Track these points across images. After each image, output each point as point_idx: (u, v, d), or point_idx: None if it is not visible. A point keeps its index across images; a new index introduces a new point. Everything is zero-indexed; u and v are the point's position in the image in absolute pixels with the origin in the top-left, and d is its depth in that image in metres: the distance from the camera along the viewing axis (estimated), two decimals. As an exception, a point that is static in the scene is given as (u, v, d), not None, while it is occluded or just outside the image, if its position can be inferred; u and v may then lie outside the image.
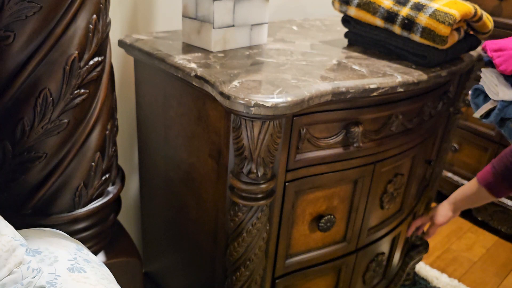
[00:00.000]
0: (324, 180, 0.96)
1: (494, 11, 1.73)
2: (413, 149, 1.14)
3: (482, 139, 1.88)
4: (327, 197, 0.99)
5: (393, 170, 1.11)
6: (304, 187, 0.94)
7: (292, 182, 0.91)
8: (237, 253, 0.90)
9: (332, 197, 1.00)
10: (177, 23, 1.21)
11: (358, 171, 1.00)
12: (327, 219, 1.00)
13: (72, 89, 0.76)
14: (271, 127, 0.78)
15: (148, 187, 1.21)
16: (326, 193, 0.99)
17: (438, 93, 1.12)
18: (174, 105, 0.97)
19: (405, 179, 1.19)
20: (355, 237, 1.12)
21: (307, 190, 0.95)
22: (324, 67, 0.94)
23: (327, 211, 1.02)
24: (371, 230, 1.16)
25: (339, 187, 1.00)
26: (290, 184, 0.91)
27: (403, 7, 0.99)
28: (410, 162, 1.17)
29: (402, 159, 1.11)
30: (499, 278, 1.70)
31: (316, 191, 0.97)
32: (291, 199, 0.93)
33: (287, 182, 0.90)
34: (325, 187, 0.97)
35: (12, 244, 0.59)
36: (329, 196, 1.00)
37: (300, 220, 0.98)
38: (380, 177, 1.07)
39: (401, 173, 1.14)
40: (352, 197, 1.04)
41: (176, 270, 1.21)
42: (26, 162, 0.78)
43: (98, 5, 0.75)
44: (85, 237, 0.90)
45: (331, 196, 1.00)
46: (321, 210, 1.00)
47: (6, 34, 0.70)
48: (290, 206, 0.94)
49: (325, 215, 1.00)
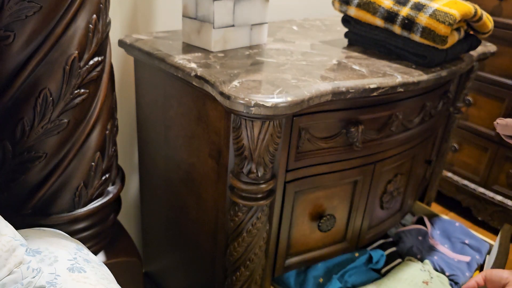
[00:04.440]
0: (324, 180, 0.96)
1: (494, 11, 1.73)
2: (413, 149, 1.14)
3: (482, 139, 1.88)
4: (327, 197, 0.99)
5: (393, 170, 1.11)
6: (304, 187, 0.94)
7: (292, 182, 0.91)
8: (237, 253, 0.90)
9: (332, 197, 1.00)
10: (177, 23, 1.21)
11: (358, 171, 1.00)
12: (327, 219, 1.00)
13: (72, 89, 0.76)
14: (271, 127, 0.78)
15: (148, 187, 1.21)
16: (326, 193, 0.99)
17: (438, 93, 1.12)
18: (174, 105, 0.97)
19: (405, 179, 1.19)
20: (355, 237, 1.12)
21: (306, 190, 0.95)
22: (324, 67, 0.94)
23: (327, 211, 1.01)
24: (371, 230, 1.16)
25: (339, 187, 1.00)
26: (290, 184, 0.91)
27: (403, 7, 0.99)
28: (410, 162, 1.17)
29: (402, 159, 1.11)
30: (499, 278, 1.70)
31: (316, 191, 0.97)
32: (291, 199, 0.93)
33: (287, 182, 0.90)
34: (325, 187, 0.97)
35: (12, 244, 0.59)
36: (329, 196, 1.00)
37: (300, 220, 0.98)
38: (380, 176, 1.07)
39: (401, 173, 1.14)
40: (352, 197, 1.04)
41: (176, 270, 1.21)
42: (26, 162, 0.78)
43: (98, 5, 0.75)
44: (85, 237, 0.90)
45: (331, 196, 1.00)
46: (321, 210, 1.00)
47: (6, 34, 0.70)
48: (290, 206, 0.94)
49: (325, 215, 1.00)
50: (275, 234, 0.96)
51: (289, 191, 0.92)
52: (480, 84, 1.83)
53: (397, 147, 1.05)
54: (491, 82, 1.80)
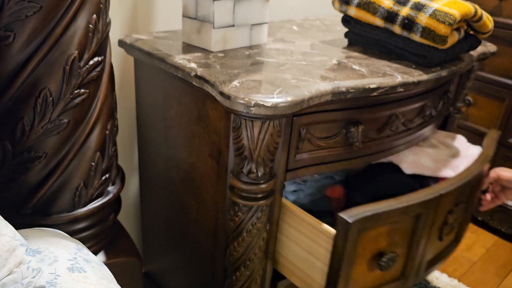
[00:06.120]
0: (387, 215, 0.88)
1: (494, 11, 1.73)
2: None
3: (482, 139, 1.88)
4: (388, 233, 0.92)
5: (454, 199, 1.02)
6: (366, 224, 0.86)
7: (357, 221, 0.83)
8: (237, 253, 0.90)
9: (393, 232, 0.93)
10: (177, 23, 1.21)
11: (421, 204, 0.92)
12: (389, 257, 0.92)
13: (72, 89, 0.76)
14: (271, 127, 0.78)
15: (148, 187, 1.21)
16: (387, 229, 0.91)
17: (438, 93, 1.12)
18: (174, 105, 0.97)
19: (464, 207, 1.09)
20: (414, 273, 1.02)
21: (368, 227, 0.87)
22: (324, 67, 0.94)
23: (389, 248, 0.94)
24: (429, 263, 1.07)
25: (401, 222, 0.92)
26: (355, 223, 0.83)
27: (403, 7, 0.99)
28: (469, 189, 1.07)
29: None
30: (499, 278, 1.70)
31: (377, 227, 0.89)
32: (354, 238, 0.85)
33: (353, 223, 0.84)
34: (387, 222, 0.89)
35: (12, 244, 0.59)
36: (390, 232, 0.92)
37: (360, 260, 0.91)
38: (444, 207, 0.99)
39: (461, 202, 1.06)
40: (413, 231, 0.96)
41: (176, 270, 1.21)
42: (26, 162, 0.78)
43: (98, 5, 0.75)
44: (85, 237, 0.90)
45: (392, 232, 0.92)
46: (381, 247, 0.93)
47: (6, 34, 0.70)
48: (352, 245, 0.86)
49: (387, 252, 0.93)
50: (275, 234, 0.95)
51: (353, 229, 0.84)
52: (480, 84, 1.83)
53: (397, 147, 1.05)
54: (491, 82, 1.80)
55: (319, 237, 0.89)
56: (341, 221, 0.83)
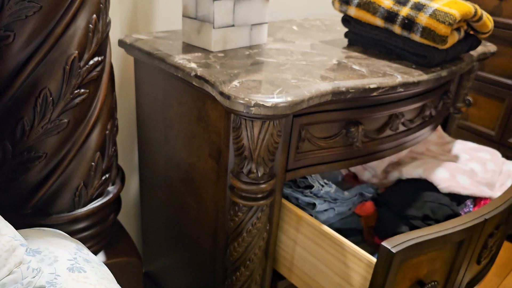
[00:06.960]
0: (428, 243, 0.84)
1: (494, 11, 1.73)
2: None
3: (482, 139, 1.88)
4: (429, 260, 0.89)
5: (497, 222, 0.99)
6: (410, 253, 0.82)
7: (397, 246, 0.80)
8: (237, 253, 0.90)
9: (434, 260, 0.90)
10: (177, 23, 1.21)
11: (466, 230, 0.89)
12: (430, 287, 0.90)
13: (72, 89, 0.76)
14: (271, 127, 0.78)
15: (148, 187, 1.21)
16: (429, 257, 0.88)
17: (438, 93, 1.12)
18: (174, 105, 0.97)
19: (504, 229, 1.05)
20: None
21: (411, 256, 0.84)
22: (324, 67, 0.94)
23: (428, 275, 0.91)
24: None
25: (442, 249, 0.89)
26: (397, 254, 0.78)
27: (403, 7, 0.99)
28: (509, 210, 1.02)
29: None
30: (499, 278, 1.70)
31: (420, 255, 0.86)
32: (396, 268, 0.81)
33: (393, 249, 0.80)
34: (429, 250, 0.86)
35: (12, 244, 0.59)
36: (431, 260, 0.89)
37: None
38: (486, 232, 0.95)
39: (502, 223, 1.01)
40: (454, 258, 0.93)
41: (176, 270, 1.21)
42: (26, 162, 0.78)
43: (98, 5, 0.75)
44: (85, 237, 0.90)
45: (434, 259, 0.89)
46: (421, 275, 0.90)
47: (6, 34, 0.70)
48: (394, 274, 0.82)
49: (427, 281, 0.90)
50: (275, 234, 0.95)
51: (396, 260, 0.80)
52: (480, 84, 1.83)
53: (397, 146, 1.05)
54: (491, 82, 1.80)
55: (356, 263, 0.86)
56: (384, 250, 0.79)
